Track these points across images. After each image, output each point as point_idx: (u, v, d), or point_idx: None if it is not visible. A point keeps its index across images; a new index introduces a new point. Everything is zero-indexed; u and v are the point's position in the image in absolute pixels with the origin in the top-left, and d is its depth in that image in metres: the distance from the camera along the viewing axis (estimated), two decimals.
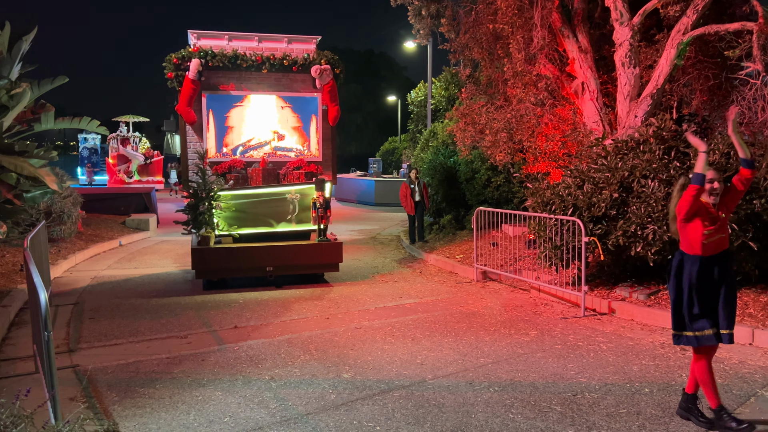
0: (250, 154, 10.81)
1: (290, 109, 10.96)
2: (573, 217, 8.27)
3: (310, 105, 11.02)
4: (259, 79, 10.76)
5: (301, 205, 10.09)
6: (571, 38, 10.81)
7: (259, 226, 10.03)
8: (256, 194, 10.01)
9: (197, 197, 9.44)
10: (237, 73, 10.64)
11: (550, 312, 8.29)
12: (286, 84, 10.94)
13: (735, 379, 5.62)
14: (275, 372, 5.91)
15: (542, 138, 10.91)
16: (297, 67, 10.77)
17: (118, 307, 8.59)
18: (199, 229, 9.50)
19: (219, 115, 10.61)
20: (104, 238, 14.09)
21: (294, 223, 10.16)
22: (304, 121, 11.04)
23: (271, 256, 9.65)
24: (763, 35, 8.65)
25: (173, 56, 10.38)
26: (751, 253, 7.57)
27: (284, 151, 10.98)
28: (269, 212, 10.04)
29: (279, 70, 10.74)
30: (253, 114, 10.81)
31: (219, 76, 10.58)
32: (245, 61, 10.49)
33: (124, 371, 5.95)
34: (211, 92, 10.62)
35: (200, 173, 9.50)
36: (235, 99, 10.72)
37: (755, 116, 9.23)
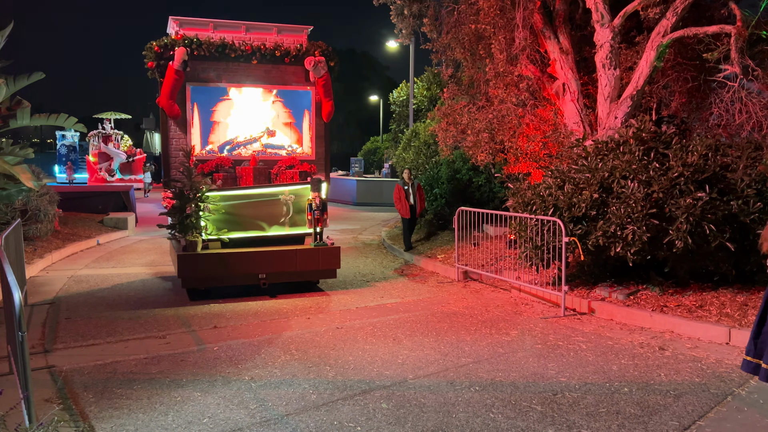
0: (238, 151, 10.22)
1: (282, 104, 10.46)
2: (553, 218, 8.31)
3: (303, 99, 10.46)
4: (247, 70, 10.15)
5: (295, 207, 9.37)
6: (553, 39, 10.87)
7: (251, 229, 9.28)
8: (247, 195, 9.24)
9: (183, 198, 8.64)
10: (223, 63, 10.00)
11: (531, 312, 8.33)
12: (276, 76, 10.33)
13: (712, 378, 5.68)
14: (255, 372, 5.86)
15: (523, 138, 10.95)
16: (289, 59, 10.19)
17: (95, 306, 8.47)
18: (186, 233, 8.66)
19: (204, 109, 10.00)
20: (82, 237, 13.90)
21: (288, 226, 9.41)
22: (296, 116, 10.51)
23: (264, 263, 8.94)
24: (741, 38, 8.76)
25: (154, 44, 9.59)
26: (728, 254, 7.66)
27: (275, 148, 10.44)
28: (261, 215, 9.28)
29: (270, 62, 10.13)
30: (241, 108, 10.17)
31: (204, 66, 9.93)
32: (234, 51, 9.88)
33: (101, 372, 5.86)
34: (197, 84, 9.92)
35: (186, 172, 8.71)
36: (222, 92, 10.06)
37: (733, 118, 9.35)
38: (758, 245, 5.17)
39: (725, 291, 7.79)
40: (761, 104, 9.01)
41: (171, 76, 9.45)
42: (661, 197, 7.66)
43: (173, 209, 8.71)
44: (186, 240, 8.66)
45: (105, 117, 29.14)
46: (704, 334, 6.94)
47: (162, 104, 9.67)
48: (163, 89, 9.57)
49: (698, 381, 5.60)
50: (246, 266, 8.85)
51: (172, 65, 9.39)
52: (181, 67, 9.45)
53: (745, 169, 7.84)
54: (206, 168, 9.82)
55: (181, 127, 9.93)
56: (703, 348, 6.60)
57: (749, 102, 9.11)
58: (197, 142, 9.96)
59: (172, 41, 9.59)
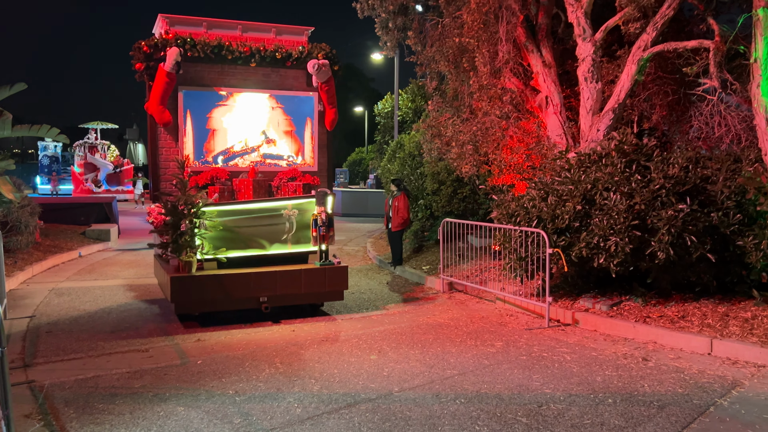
0: (235, 162, 9.32)
1: (282, 110, 9.53)
2: (537, 229, 8.37)
3: (305, 106, 9.56)
4: (245, 74, 9.28)
5: (298, 222, 8.54)
6: (536, 53, 10.99)
7: (250, 248, 8.42)
8: (247, 210, 8.36)
9: (177, 214, 7.83)
10: (219, 66, 9.10)
11: (516, 323, 8.36)
12: (275, 81, 9.45)
13: (695, 388, 5.73)
14: (239, 386, 5.81)
15: (507, 150, 11.03)
16: (291, 62, 9.33)
17: (76, 320, 8.37)
18: (179, 253, 7.84)
19: (198, 116, 9.05)
20: (63, 249, 13.74)
21: (290, 244, 8.58)
22: (297, 124, 9.60)
23: (266, 284, 8.14)
24: (720, 53, 8.91)
25: (143, 43, 8.67)
26: (709, 265, 7.75)
27: (274, 159, 9.55)
28: (262, 231, 8.43)
29: (270, 65, 9.25)
30: (239, 115, 9.28)
31: (198, 69, 9.00)
32: (231, 53, 9.00)
33: (83, 387, 5.78)
34: (190, 88, 8.97)
35: (180, 185, 7.91)
36: (218, 97, 9.15)
37: (712, 131, 9.49)
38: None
39: (707, 302, 7.88)
40: (740, 117, 9.15)
41: (162, 79, 8.53)
42: (643, 209, 7.74)
43: (165, 226, 7.95)
44: (180, 260, 7.85)
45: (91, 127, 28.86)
46: (686, 345, 7.01)
47: (151, 110, 8.74)
48: (152, 94, 8.65)
49: (681, 392, 5.65)
50: (246, 289, 8.07)
51: (163, 67, 8.47)
52: (174, 69, 8.54)
53: (724, 181, 7.96)
54: (200, 180, 8.96)
55: (173, 136, 9.05)
56: (685, 358, 6.66)
57: (728, 115, 9.25)
58: (190, 151, 9.09)
59: (163, 41, 8.65)
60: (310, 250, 8.67)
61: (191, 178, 8.68)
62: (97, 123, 30.17)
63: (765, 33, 7.97)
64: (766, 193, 7.53)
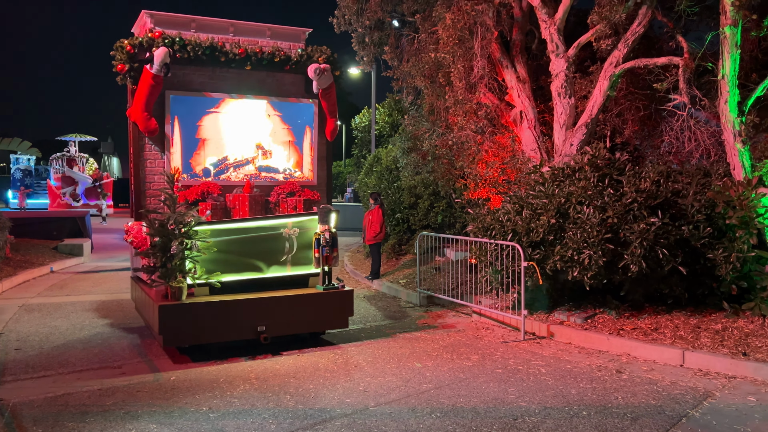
0: (227, 175, 8.45)
1: (280, 119, 8.68)
2: (512, 242, 8.44)
3: (304, 114, 8.77)
4: (239, 78, 8.47)
5: (299, 242, 7.81)
6: (510, 68, 11.13)
7: (246, 270, 7.62)
8: (243, 229, 7.60)
9: (166, 234, 7.00)
10: (210, 69, 8.30)
11: (492, 336, 8.39)
12: (271, 86, 8.68)
13: (667, 400, 5.80)
14: (213, 402, 5.74)
15: (482, 165, 11.13)
16: (290, 66, 8.55)
17: (47, 336, 8.21)
18: (170, 278, 7.02)
19: (187, 124, 8.16)
20: (34, 264, 13.50)
21: (290, 265, 7.83)
22: (296, 134, 8.76)
23: (264, 311, 7.38)
24: (689, 69, 9.12)
25: (126, 42, 7.84)
26: (681, 278, 7.87)
27: (271, 172, 8.68)
28: (259, 253, 7.66)
29: (266, 68, 8.47)
30: (232, 124, 8.45)
31: (186, 72, 8.19)
32: (224, 55, 8.18)
33: (52, 405, 5.66)
34: (178, 92, 8.10)
35: (169, 201, 7.11)
36: (209, 103, 8.28)
37: (683, 146, 9.68)
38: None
39: (679, 314, 7.99)
40: (709, 132, 9.36)
41: (147, 83, 7.67)
42: (615, 222, 7.85)
43: (154, 247, 7.10)
44: (169, 286, 7.04)
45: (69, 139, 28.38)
46: (659, 357, 7.09)
47: (134, 117, 7.86)
48: (136, 98, 7.80)
49: (654, 403, 5.70)
50: (243, 317, 7.28)
51: (150, 69, 7.61)
52: (162, 71, 7.67)
53: (695, 195, 8.11)
54: (190, 195, 8.04)
55: (158, 146, 8.19)
56: (658, 370, 6.74)
57: (698, 130, 9.45)
58: (178, 163, 8.17)
59: (149, 40, 7.83)
60: (311, 272, 7.93)
61: (180, 193, 7.89)
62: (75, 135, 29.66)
63: (732, 50, 8.17)
64: (734, 206, 7.69)
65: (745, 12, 8.05)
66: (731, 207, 7.72)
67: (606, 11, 9.31)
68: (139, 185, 8.17)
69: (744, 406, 5.62)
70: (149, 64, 7.67)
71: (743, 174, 8.24)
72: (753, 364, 6.49)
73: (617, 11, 9.22)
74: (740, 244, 7.60)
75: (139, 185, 8.16)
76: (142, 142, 8.16)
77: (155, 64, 7.65)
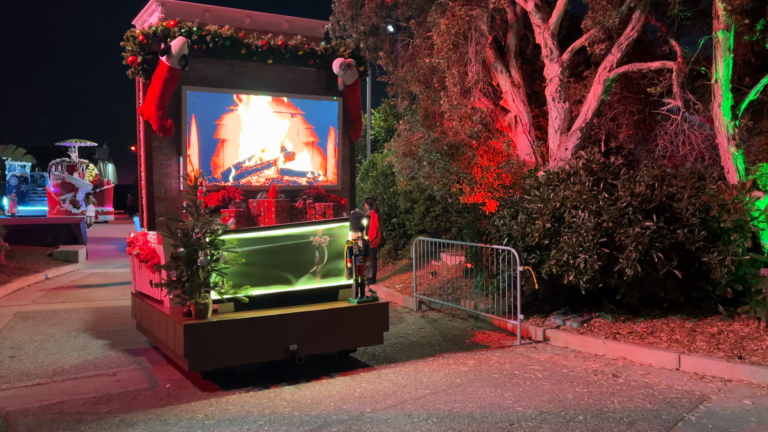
0: (248, 179, 7.74)
1: (302, 118, 7.96)
2: (508, 247, 8.44)
3: (328, 113, 8.10)
4: (258, 73, 7.74)
5: (330, 251, 7.26)
6: (505, 73, 11.16)
7: (274, 283, 6.99)
8: (271, 238, 6.99)
9: (191, 244, 6.32)
10: (227, 63, 7.58)
11: (488, 340, 8.38)
12: (292, 82, 7.99)
13: (663, 404, 5.80)
14: (209, 410, 5.72)
15: (478, 169, 11.15)
16: (314, 60, 7.84)
17: (42, 344, 8.18)
18: (195, 294, 6.30)
19: (205, 123, 7.41)
20: (29, 271, 13.45)
21: (319, 277, 7.23)
22: (320, 134, 8.09)
23: (296, 329, 6.71)
24: (682, 74, 9.16)
25: (138, 32, 6.98)
26: (676, 281, 7.88)
27: (294, 175, 7.99)
28: (287, 263, 7.06)
29: (288, 62, 7.77)
30: (253, 123, 7.70)
31: (202, 66, 7.41)
32: (245, 47, 7.38)
33: (47, 413, 5.64)
34: (196, 88, 7.30)
35: (194, 208, 6.40)
36: (229, 101, 7.51)
37: (677, 150, 9.72)
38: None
39: (674, 317, 8.00)
40: (703, 136, 9.40)
41: (162, 77, 6.86)
42: (610, 226, 7.86)
43: (176, 260, 6.37)
44: (195, 303, 6.33)
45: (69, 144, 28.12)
46: (655, 360, 7.10)
47: (147, 115, 7.05)
48: (149, 95, 7.01)
49: (650, 407, 5.71)
50: (273, 335, 6.60)
51: (166, 61, 6.80)
52: (180, 63, 6.87)
53: (689, 198, 8.14)
54: (210, 202, 7.31)
55: (173, 147, 7.37)
56: (654, 374, 6.74)
57: (692, 134, 9.49)
58: (195, 166, 7.38)
59: (164, 29, 6.97)
60: (342, 284, 7.36)
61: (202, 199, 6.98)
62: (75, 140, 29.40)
63: (725, 54, 8.21)
64: (729, 210, 7.71)
65: (737, 16, 8.09)
66: (726, 210, 7.74)
67: (599, 16, 9.34)
68: (152, 191, 7.32)
69: (740, 410, 5.63)
70: (165, 56, 6.82)
71: (737, 177, 8.27)
72: (749, 367, 6.50)
73: (611, 16, 9.26)
74: (735, 248, 7.62)
75: (151, 191, 7.31)
76: (155, 143, 7.28)
77: (172, 55, 6.80)
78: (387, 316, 7.34)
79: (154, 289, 7.22)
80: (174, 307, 6.76)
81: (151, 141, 7.28)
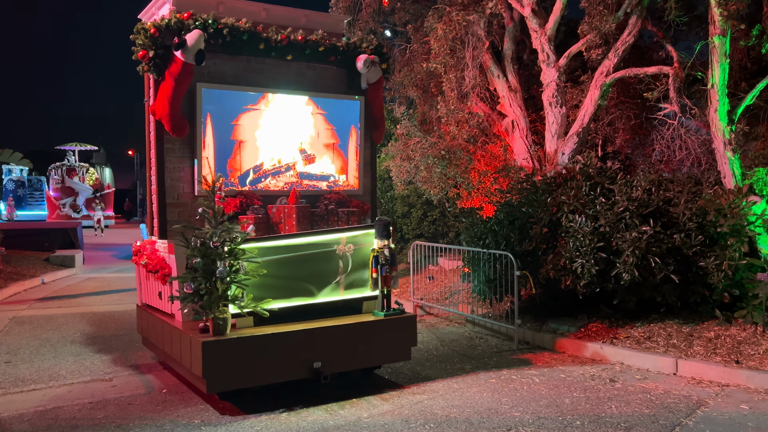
0: (266, 183, 7.23)
1: (323, 118, 7.48)
2: (505, 251, 8.44)
3: (349, 113, 7.60)
4: (276, 70, 7.22)
5: (354, 260, 6.75)
6: (501, 78, 11.19)
7: (296, 295, 6.47)
8: (293, 246, 6.47)
9: (210, 254, 5.77)
10: (244, 59, 7.06)
11: (485, 345, 8.37)
12: (311, 80, 7.48)
13: (661, 408, 5.80)
14: (206, 415, 5.70)
15: (475, 174, 11.16)
16: (335, 57, 7.37)
17: (38, 349, 8.15)
18: (213, 308, 5.74)
19: (222, 124, 6.90)
20: (26, 276, 13.42)
21: (342, 288, 6.72)
22: (341, 135, 7.61)
23: (321, 345, 6.17)
24: (679, 78, 9.20)
25: (149, 24, 6.47)
26: (673, 286, 7.88)
27: (314, 179, 7.50)
28: (310, 274, 6.54)
29: (309, 59, 7.27)
30: (271, 124, 7.19)
31: (217, 62, 6.90)
32: (264, 42, 6.87)
33: (42, 419, 5.61)
34: (212, 86, 6.82)
35: (213, 214, 5.87)
36: (246, 99, 7.00)
37: (674, 154, 9.75)
38: None
39: (671, 322, 8.00)
40: (699, 141, 9.43)
41: (177, 73, 6.38)
42: (608, 231, 7.87)
43: (193, 271, 5.85)
44: (213, 318, 5.77)
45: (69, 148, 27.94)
46: (653, 365, 7.10)
47: (160, 114, 6.55)
48: (161, 92, 6.52)
49: (648, 412, 5.70)
50: (296, 352, 6.07)
51: (180, 56, 6.31)
52: (196, 59, 6.39)
53: (686, 203, 8.14)
54: (228, 208, 6.72)
55: (186, 149, 6.85)
56: (651, 379, 6.74)
57: (688, 139, 9.52)
58: (210, 170, 6.87)
59: (177, 21, 6.48)
60: (365, 295, 6.85)
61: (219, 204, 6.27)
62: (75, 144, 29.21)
63: (721, 59, 8.24)
64: (725, 215, 7.72)
65: (733, 22, 8.13)
66: (722, 215, 7.75)
67: (596, 21, 9.38)
68: (164, 196, 6.75)
69: (737, 415, 5.63)
70: (179, 50, 6.32)
71: (734, 182, 8.29)
72: (746, 371, 6.51)
73: (607, 21, 9.30)
74: (731, 252, 7.63)
75: (163, 196, 6.74)
76: (167, 144, 6.74)
77: (188, 49, 6.30)
78: (415, 329, 6.87)
79: (164, 302, 6.77)
80: (187, 322, 6.24)
81: (163, 142, 6.76)
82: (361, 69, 7.36)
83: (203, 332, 5.85)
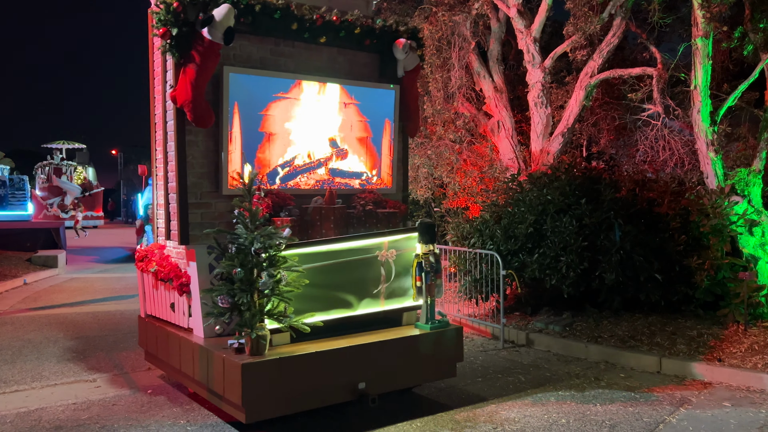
0: (296, 181, 6.37)
1: (356, 109, 6.60)
2: (491, 251, 8.48)
3: (384, 104, 6.73)
4: (306, 54, 6.34)
5: (396, 267, 6.10)
6: (488, 78, 11.24)
7: (335, 307, 5.76)
8: (332, 253, 5.75)
9: (247, 263, 5.08)
10: (272, 41, 6.16)
11: (471, 344, 8.40)
12: (342, 66, 6.59)
13: (644, 406, 5.85)
14: (191, 415, 5.67)
15: (461, 174, 11.20)
16: (371, 40, 6.48)
17: (20, 350, 8.05)
18: (252, 324, 5.01)
19: (250, 113, 6.01)
20: (7, 276, 13.25)
21: (383, 298, 6.04)
22: (374, 129, 6.75)
23: (365, 363, 5.50)
24: (662, 80, 9.30)
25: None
26: (657, 285, 7.97)
27: (346, 176, 6.65)
28: (350, 283, 5.85)
29: (340, 42, 6.40)
30: (303, 114, 6.31)
31: (243, 44, 5.96)
32: (297, 21, 5.99)
33: (25, 420, 5.55)
34: (240, 70, 5.89)
35: (250, 217, 5.16)
36: (277, 86, 6.10)
37: (657, 155, 9.86)
38: None
39: (655, 320, 8.08)
40: (683, 142, 9.54)
41: (202, 54, 5.52)
42: (592, 231, 7.93)
43: (228, 282, 5.13)
44: (251, 336, 5.01)
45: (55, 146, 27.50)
46: (637, 364, 7.16)
47: (182, 100, 5.61)
48: (185, 75, 5.58)
49: (632, 410, 5.75)
50: (340, 372, 5.38)
51: (206, 34, 5.43)
52: (224, 38, 5.48)
53: (669, 203, 8.23)
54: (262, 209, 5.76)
55: (210, 141, 5.91)
56: (635, 377, 6.80)
57: (672, 139, 9.63)
58: (237, 165, 5.94)
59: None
60: (406, 305, 6.21)
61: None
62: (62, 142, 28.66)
63: (704, 61, 8.33)
64: (708, 214, 7.82)
65: (716, 24, 8.23)
66: (705, 215, 7.85)
67: (581, 22, 9.46)
68: (185, 195, 5.83)
69: (720, 412, 5.70)
70: (206, 28, 5.43)
71: (716, 182, 8.39)
72: (728, 369, 6.58)
73: (592, 22, 9.37)
74: (714, 252, 7.73)
75: (184, 195, 5.83)
76: (189, 137, 5.82)
77: (216, 27, 5.42)
78: (461, 343, 6.20)
79: (177, 315, 6.03)
80: (212, 339, 5.49)
81: (184, 134, 5.81)
82: (399, 55, 6.56)
83: (239, 352, 5.10)
